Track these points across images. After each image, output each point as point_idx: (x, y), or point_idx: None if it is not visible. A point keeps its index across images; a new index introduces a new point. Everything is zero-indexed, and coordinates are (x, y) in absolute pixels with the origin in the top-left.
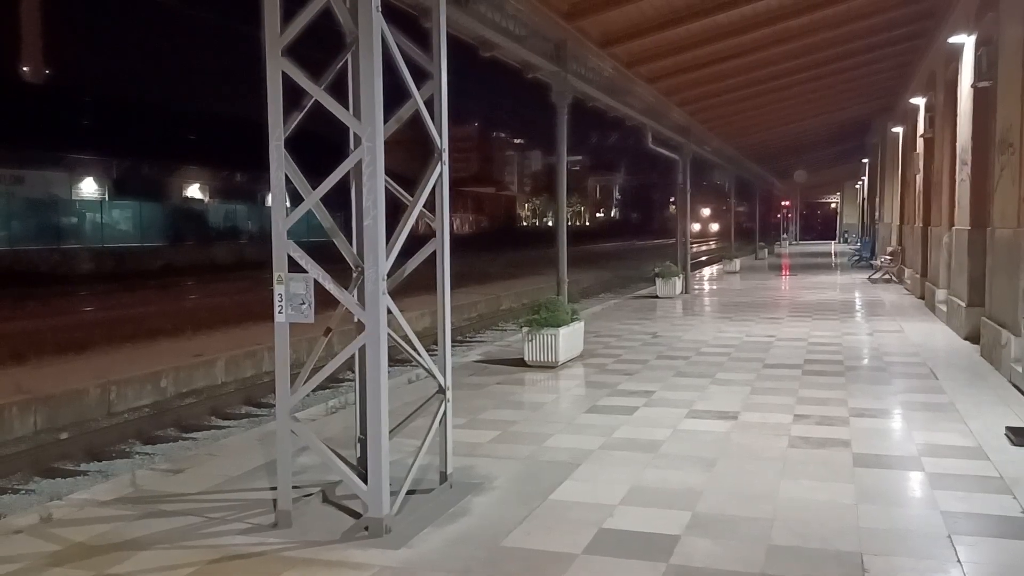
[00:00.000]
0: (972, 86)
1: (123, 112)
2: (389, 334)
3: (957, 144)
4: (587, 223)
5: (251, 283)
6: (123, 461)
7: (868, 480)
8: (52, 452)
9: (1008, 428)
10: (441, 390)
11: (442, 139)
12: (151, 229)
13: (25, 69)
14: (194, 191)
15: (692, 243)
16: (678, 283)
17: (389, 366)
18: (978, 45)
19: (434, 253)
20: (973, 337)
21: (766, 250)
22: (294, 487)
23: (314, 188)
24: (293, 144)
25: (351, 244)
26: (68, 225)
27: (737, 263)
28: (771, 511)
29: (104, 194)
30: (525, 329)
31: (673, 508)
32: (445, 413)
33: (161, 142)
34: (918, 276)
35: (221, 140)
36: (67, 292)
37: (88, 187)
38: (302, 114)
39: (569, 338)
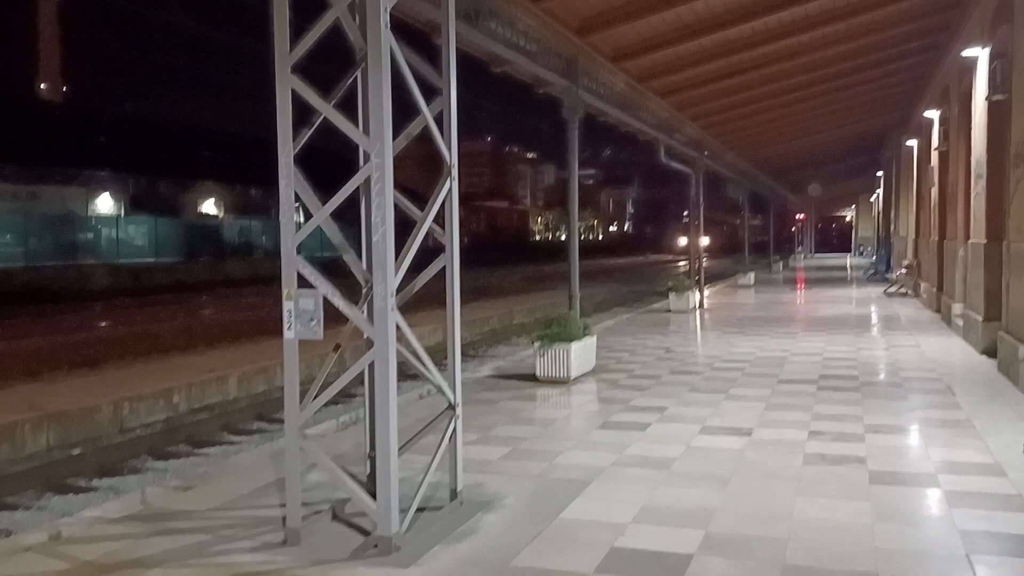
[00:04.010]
0: (987, 99)
1: (138, 129)
2: (399, 350)
3: (972, 157)
4: (600, 237)
5: (265, 299)
6: (134, 477)
7: (885, 498)
8: (64, 469)
9: None
10: (451, 406)
11: (451, 155)
12: (166, 245)
13: (42, 87)
14: (209, 207)
15: (679, 261)
16: (691, 297)
17: (400, 382)
18: (992, 58)
19: (444, 268)
20: (990, 352)
21: (781, 263)
22: (304, 504)
23: (324, 204)
24: (303, 160)
25: (361, 259)
26: (84, 241)
27: (751, 276)
28: (786, 530)
29: (119, 210)
30: (537, 344)
31: (686, 527)
32: (455, 430)
33: (176, 158)
34: (934, 290)
35: (235, 156)
36: (82, 308)
37: (104, 203)
38: (311, 130)
39: (581, 353)
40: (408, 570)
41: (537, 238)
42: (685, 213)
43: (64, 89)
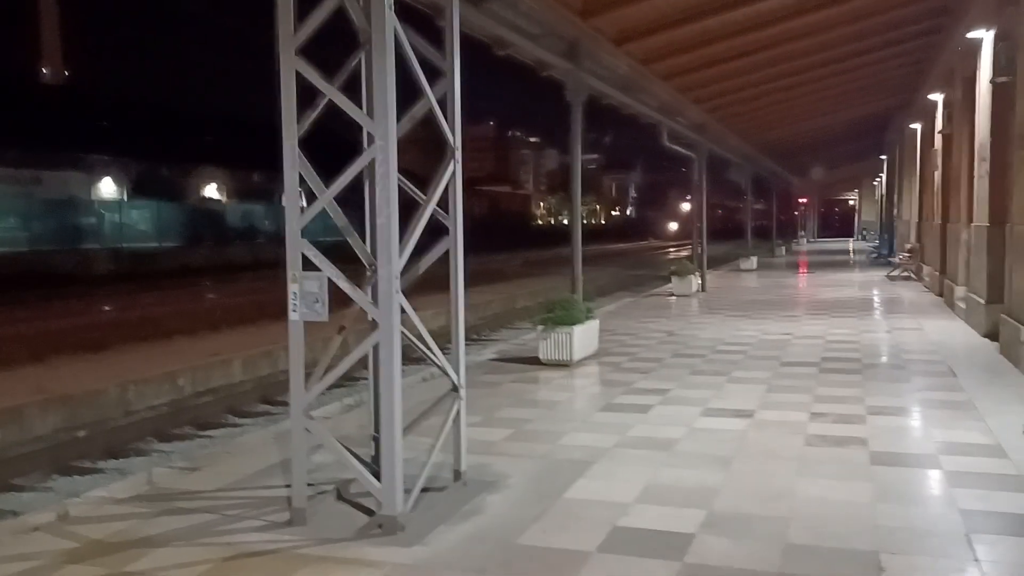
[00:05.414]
0: (991, 82)
1: (141, 113)
2: (403, 332)
3: (976, 140)
4: (603, 222)
5: (268, 283)
6: (140, 459)
7: (886, 478)
8: (70, 450)
9: None
10: (455, 388)
11: (455, 138)
12: (169, 229)
13: (44, 71)
14: (211, 191)
15: (670, 248)
16: (694, 281)
17: (404, 364)
18: (997, 40)
19: (448, 251)
20: (992, 334)
21: (783, 248)
22: (309, 485)
23: (328, 187)
24: (307, 143)
25: (365, 243)
26: (87, 226)
27: (754, 261)
28: (787, 510)
29: (122, 195)
30: (540, 327)
31: (688, 506)
32: (459, 411)
33: (179, 143)
34: (937, 273)
35: (238, 140)
36: (86, 293)
37: (107, 188)
38: (316, 113)
39: (584, 336)
40: (413, 549)
41: (539, 223)
42: (688, 197)
43: (66, 73)
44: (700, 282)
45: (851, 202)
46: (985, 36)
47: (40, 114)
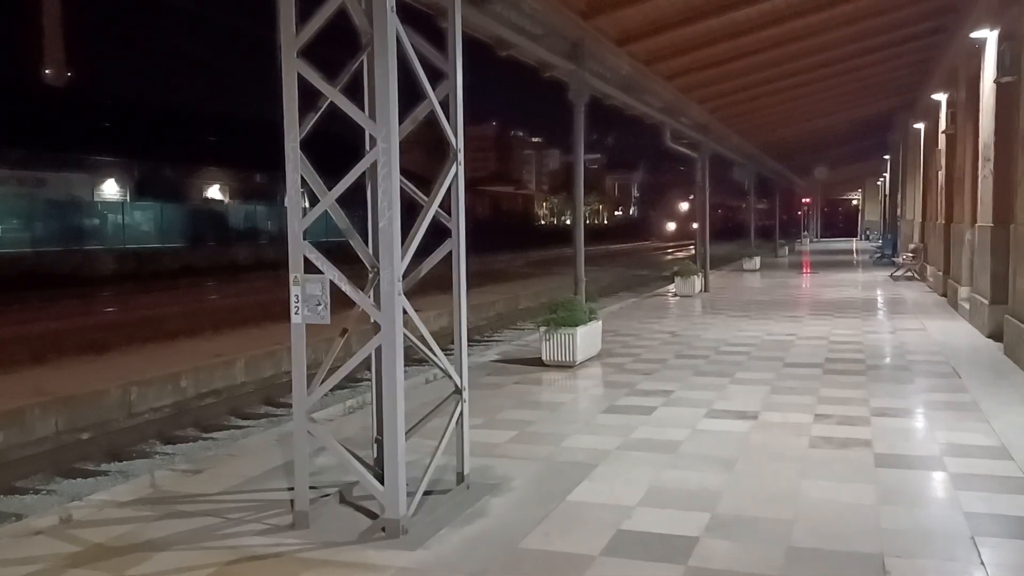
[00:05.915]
0: (995, 82)
1: (144, 114)
2: (405, 335)
3: (980, 140)
4: (606, 222)
5: (270, 283)
6: (143, 461)
7: (890, 480)
8: (73, 453)
9: None
10: (457, 390)
11: (457, 139)
12: (172, 230)
13: (47, 72)
14: (214, 192)
15: (672, 248)
16: (697, 281)
17: (406, 366)
18: (1001, 40)
19: (450, 253)
20: (997, 335)
21: (786, 248)
22: (312, 488)
23: (330, 189)
24: (310, 145)
25: (367, 244)
26: (90, 226)
27: (757, 261)
28: (791, 512)
29: (125, 196)
30: (543, 328)
31: (692, 509)
32: (462, 413)
33: (182, 144)
34: (941, 273)
35: (241, 141)
36: (89, 293)
37: (110, 189)
38: (318, 115)
39: (587, 337)
40: (415, 553)
41: (542, 223)
42: (690, 197)
43: (69, 74)
44: (703, 282)
45: (854, 202)
46: (989, 36)
47: (43, 115)
